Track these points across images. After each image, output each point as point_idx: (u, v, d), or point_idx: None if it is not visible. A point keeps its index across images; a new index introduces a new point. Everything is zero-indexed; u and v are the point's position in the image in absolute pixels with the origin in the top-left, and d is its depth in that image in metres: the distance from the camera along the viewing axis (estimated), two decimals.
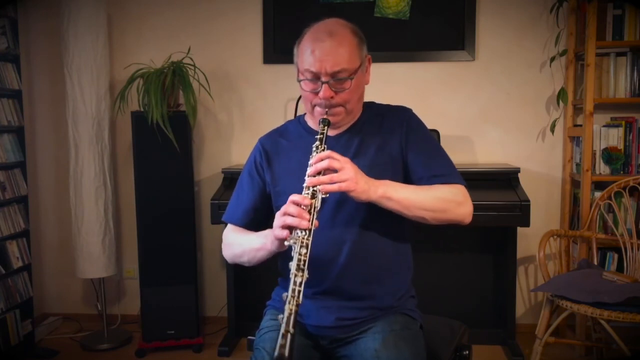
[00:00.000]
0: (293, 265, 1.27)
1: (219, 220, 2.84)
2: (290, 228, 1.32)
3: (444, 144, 1.68)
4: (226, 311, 3.10)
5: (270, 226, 1.41)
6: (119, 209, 3.41)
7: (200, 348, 3.04)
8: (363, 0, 3.17)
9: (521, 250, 3.06)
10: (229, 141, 3.37)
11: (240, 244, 1.56)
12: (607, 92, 2.95)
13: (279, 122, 3.38)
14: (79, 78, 2.99)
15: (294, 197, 1.33)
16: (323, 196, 1.35)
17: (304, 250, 1.27)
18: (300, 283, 1.24)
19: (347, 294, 1.49)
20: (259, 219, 1.61)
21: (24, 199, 3.04)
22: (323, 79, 1.44)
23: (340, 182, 1.34)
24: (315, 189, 1.34)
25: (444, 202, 1.45)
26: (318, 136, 1.44)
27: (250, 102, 3.33)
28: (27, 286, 3.04)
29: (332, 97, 1.46)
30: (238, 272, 3.00)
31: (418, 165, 1.51)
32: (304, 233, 1.29)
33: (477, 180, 2.78)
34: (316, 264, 1.39)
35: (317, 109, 1.50)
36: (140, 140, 2.94)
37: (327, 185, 1.34)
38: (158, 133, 2.84)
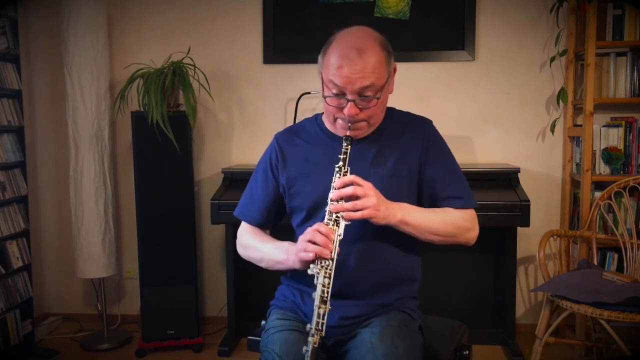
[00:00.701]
0: (317, 296, 1.31)
1: (219, 220, 2.86)
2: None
3: None
4: (226, 311, 3.10)
5: (283, 225, 1.43)
6: (119, 209, 3.41)
7: (200, 348, 3.04)
8: (363, 0, 3.17)
9: (521, 250, 3.06)
10: (229, 141, 3.37)
11: (259, 250, 1.59)
12: (607, 92, 2.95)
13: (279, 122, 3.41)
14: (79, 78, 2.99)
15: (320, 227, 1.36)
16: (346, 223, 1.38)
17: (327, 281, 1.32)
18: (324, 315, 1.30)
19: (352, 298, 1.51)
20: (273, 218, 1.64)
21: (24, 199, 3.04)
22: (349, 97, 1.42)
23: (362, 209, 1.37)
24: (338, 215, 1.37)
25: (454, 228, 1.50)
26: (341, 156, 1.43)
27: (250, 102, 3.33)
28: (27, 286, 3.04)
29: (357, 114, 1.44)
30: (238, 272, 3.00)
31: (434, 184, 1.53)
32: (327, 262, 1.33)
33: (477, 180, 2.77)
34: None
35: (340, 122, 1.49)
36: (140, 140, 2.93)
37: (351, 212, 1.37)
38: (158, 133, 2.84)
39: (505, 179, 2.89)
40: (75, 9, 2.95)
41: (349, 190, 1.37)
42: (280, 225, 1.68)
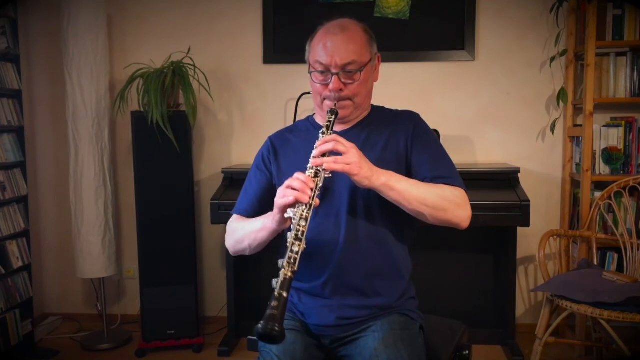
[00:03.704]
0: (291, 235, 1.29)
1: (219, 220, 2.86)
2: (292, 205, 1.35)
3: (444, 143, 1.68)
4: (226, 311, 3.10)
5: None
6: (119, 209, 3.41)
7: (200, 348, 3.04)
8: (363, 0, 3.17)
9: (521, 250, 3.06)
10: (229, 141, 3.37)
11: (242, 228, 1.58)
12: (607, 92, 2.95)
13: (279, 122, 3.41)
14: (79, 78, 2.99)
15: (299, 174, 1.35)
16: (327, 176, 1.38)
17: (303, 223, 1.30)
18: (298, 252, 1.27)
19: (345, 288, 1.50)
20: (264, 211, 1.60)
21: (24, 199, 3.04)
22: (333, 70, 1.48)
23: (344, 163, 1.36)
24: (318, 168, 1.37)
25: (444, 201, 1.45)
26: (325, 123, 1.47)
27: (250, 102, 3.33)
28: (27, 286, 3.04)
29: (341, 90, 1.49)
30: (238, 272, 3.00)
31: (422, 166, 1.53)
32: (304, 207, 1.32)
33: (477, 180, 2.78)
34: (315, 256, 1.44)
35: (327, 102, 1.53)
36: (140, 140, 2.93)
37: (331, 163, 1.36)
38: (158, 133, 2.84)
39: (505, 179, 2.89)
40: (75, 9, 2.95)
41: (329, 145, 1.38)
42: None
